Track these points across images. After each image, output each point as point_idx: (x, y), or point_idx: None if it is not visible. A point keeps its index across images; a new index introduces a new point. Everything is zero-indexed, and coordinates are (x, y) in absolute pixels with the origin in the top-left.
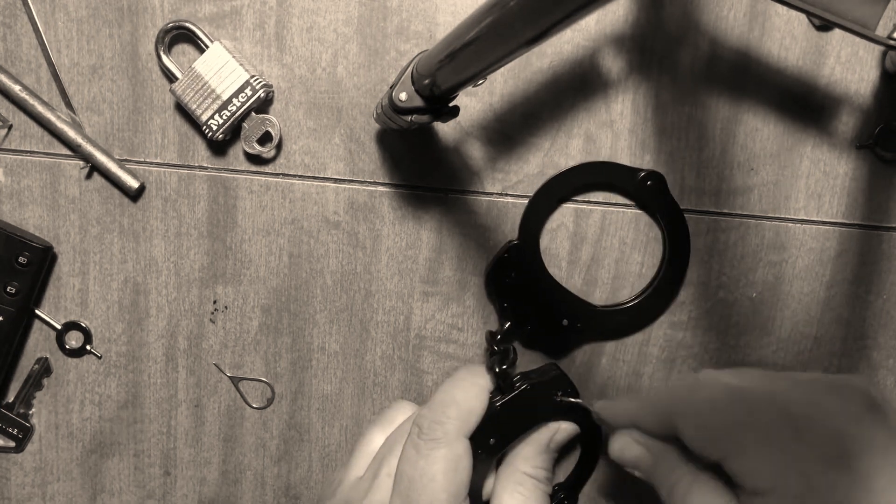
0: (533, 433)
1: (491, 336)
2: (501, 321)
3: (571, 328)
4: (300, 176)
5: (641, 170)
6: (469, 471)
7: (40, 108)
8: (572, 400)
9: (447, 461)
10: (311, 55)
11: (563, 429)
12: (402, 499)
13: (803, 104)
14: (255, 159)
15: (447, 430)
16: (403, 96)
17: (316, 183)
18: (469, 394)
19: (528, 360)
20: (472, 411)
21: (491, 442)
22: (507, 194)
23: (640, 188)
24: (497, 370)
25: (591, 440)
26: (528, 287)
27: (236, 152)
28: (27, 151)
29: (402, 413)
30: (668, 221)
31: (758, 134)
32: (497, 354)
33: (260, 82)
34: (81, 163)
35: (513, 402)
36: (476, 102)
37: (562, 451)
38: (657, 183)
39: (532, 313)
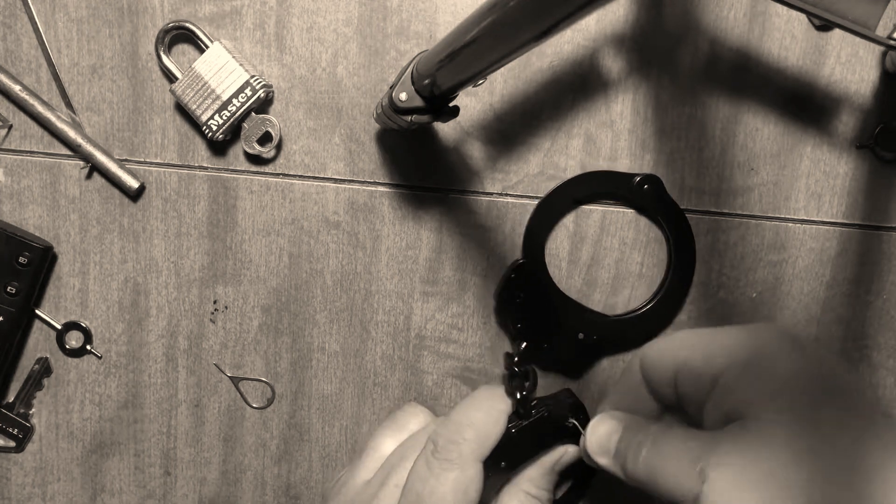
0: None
1: (508, 358)
2: (517, 342)
3: (588, 341)
4: (300, 176)
5: (637, 174)
6: (478, 495)
7: (40, 108)
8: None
9: (458, 483)
10: (311, 55)
11: (570, 452)
12: None
13: (803, 104)
14: (255, 159)
15: (462, 452)
16: (403, 96)
17: (316, 183)
18: (489, 418)
19: (542, 376)
20: (489, 436)
21: (502, 465)
22: (507, 194)
23: (638, 193)
24: (518, 396)
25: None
26: (540, 305)
27: (236, 152)
28: (27, 151)
29: (414, 418)
30: (670, 223)
31: (758, 134)
32: (517, 377)
33: (260, 82)
34: (81, 163)
35: (528, 428)
36: (476, 102)
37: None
38: (654, 186)
39: (546, 331)
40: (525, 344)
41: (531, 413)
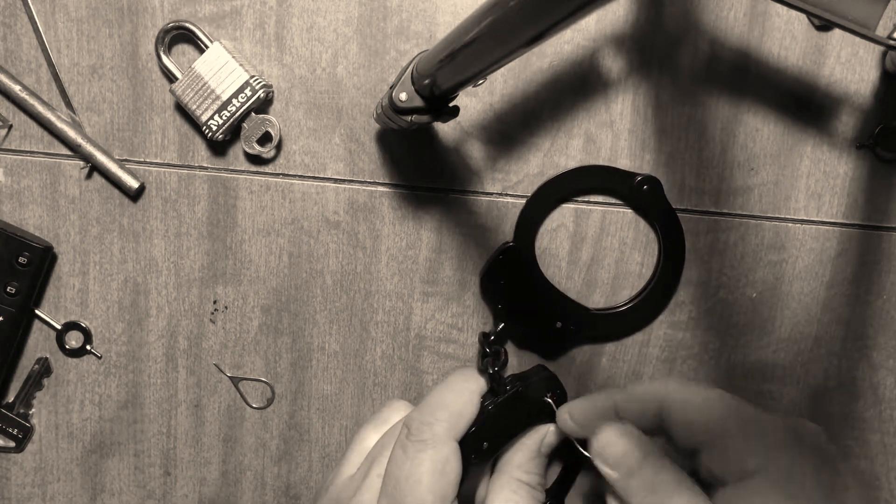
0: (523, 438)
1: (484, 337)
2: (496, 322)
3: (565, 330)
4: (300, 176)
5: (637, 174)
6: (457, 473)
7: (40, 108)
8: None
9: (434, 463)
10: (311, 55)
11: (551, 431)
12: (388, 499)
13: (803, 104)
14: (255, 159)
15: (435, 432)
16: (403, 96)
17: (316, 183)
18: (460, 397)
19: (521, 361)
20: (461, 414)
21: (484, 446)
22: (507, 194)
23: (636, 192)
24: (490, 372)
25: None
26: (523, 289)
27: (236, 152)
28: (27, 151)
29: (396, 413)
30: (664, 226)
31: (758, 134)
32: (489, 356)
33: (260, 82)
34: (81, 163)
35: (505, 404)
36: (476, 102)
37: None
38: (653, 187)
39: (526, 315)
40: (502, 325)
41: (506, 389)
